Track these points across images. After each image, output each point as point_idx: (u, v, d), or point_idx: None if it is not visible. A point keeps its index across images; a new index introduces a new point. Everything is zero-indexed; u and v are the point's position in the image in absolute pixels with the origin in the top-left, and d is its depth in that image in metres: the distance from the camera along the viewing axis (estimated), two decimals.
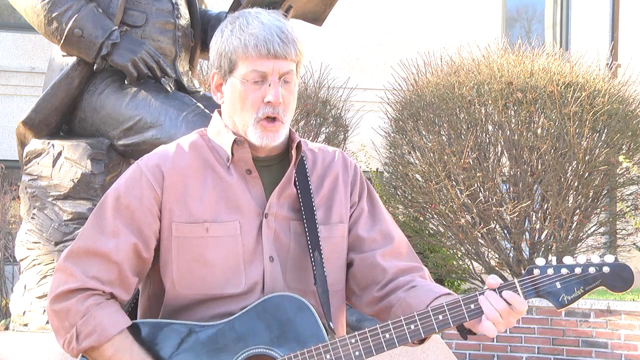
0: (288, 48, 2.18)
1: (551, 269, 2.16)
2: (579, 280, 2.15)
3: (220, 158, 2.26)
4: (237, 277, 2.21)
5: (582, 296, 2.16)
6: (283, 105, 2.21)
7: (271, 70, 2.18)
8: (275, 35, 2.17)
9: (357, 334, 2.14)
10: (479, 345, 7.44)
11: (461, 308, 2.14)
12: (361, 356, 2.13)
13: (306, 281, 2.25)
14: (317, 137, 9.13)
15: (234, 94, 2.22)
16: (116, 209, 2.21)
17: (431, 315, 2.13)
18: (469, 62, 8.84)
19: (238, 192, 2.24)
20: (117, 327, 2.16)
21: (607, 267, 2.16)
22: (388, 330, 2.13)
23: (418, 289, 2.25)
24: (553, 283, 2.15)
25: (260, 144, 2.21)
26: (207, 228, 2.21)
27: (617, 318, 7.01)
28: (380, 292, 2.29)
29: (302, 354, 2.13)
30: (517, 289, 2.14)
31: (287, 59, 2.18)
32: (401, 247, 2.35)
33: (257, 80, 2.19)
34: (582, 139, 8.05)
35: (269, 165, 2.28)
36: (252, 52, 2.17)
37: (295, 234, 2.27)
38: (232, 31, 2.21)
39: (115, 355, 2.15)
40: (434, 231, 8.77)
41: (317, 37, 10.77)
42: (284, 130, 2.23)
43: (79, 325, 2.15)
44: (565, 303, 2.15)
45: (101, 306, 2.17)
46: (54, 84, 4.13)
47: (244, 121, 2.22)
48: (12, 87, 11.50)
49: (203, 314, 2.21)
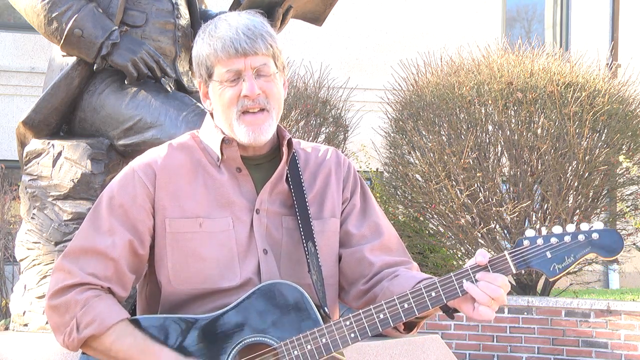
0: (256, 43, 2.21)
1: (540, 239, 2.17)
2: (569, 248, 2.16)
3: (211, 158, 2.30)
4: (232, 271, 2.23)
5: (574, 264, 2.17)
6: (264, 94, 2.24)
7: (243, 67, 2.21)
8: (241, 34, 2.21)
9: (351, 316, 2.15)
10: (479, 345, 7.44)
11: (453, 283, 2.14)
12: (356, 338, 2.14)
13: (301, 274, 2.27)
14: (317, 137, 9.12)
15: (215, 97, 2.27)
16: (110, 208, 2.24)
17: (424, 292, 2.14)
18: (469, 62, 8.84)
19: (229, 189, 2.27)
20: (117, 317, 2.18)
21: (596, 233, 2.17)
22: (382, 310, 2.15)
23: (400, 277, 2.27)
24: (543, 253, 2.16)
25: (248, 140, 2.24)
26: (200, 223, 2.24)
27: (617, 318, 7.01)
28: (366, 285, 2.31)
29: (298, 339, 2.14)
30: (508, 262, 2.15)
31: (258, 54, 2.22)
32: (390, 242, 2.37)
33: (233, 79, 2.23)
34: (582, 139, 8.05)
35: (260, 163, 2.31)
36: (222, 55, 2.21)
37: (288, 228, 2.29)
38: (203, 39, 2.26)
39: (116, 341, 2.16)
40: (434, 231, 8.76)
41: (317, 37, 10.81)
42: (270, 122, 2.26)
43: (79, 315, 2.17)
44: (557, 272, 2.16)
45: (100, 298, 2.19)
46: (54, 84, 4.13)
47: (228, 119, 2.25)
48: (12, 87, 11.51)
49: (200, 309, 2.22)
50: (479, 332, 7.41)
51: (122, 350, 2.16)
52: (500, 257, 2.16)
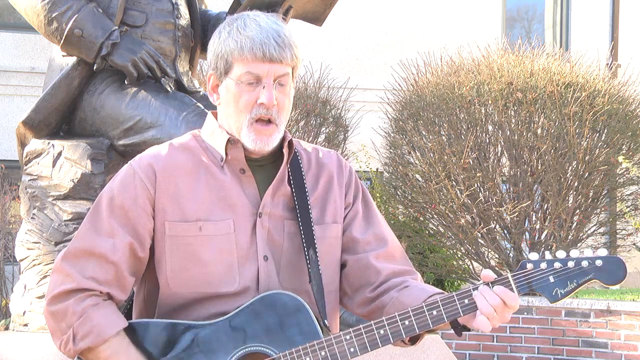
0: (284, 52, 2.18)
1: (544, 263, 2.16)
2: (572, 274, 2.15)
3: (214, 158, 2.27)
4: (231, 276, 2.22)
5: (576, 290, 2.16)
6: (277, 107, 2.21)
7: (266, 73, 2.18)
8: (272, 39, 2.17)
9: (351, 331, 2.14)
10: (479, 345, 7.44)
11: (455, 303, 2.14)
12: (356, 352, 2.13)
13: (300, 280, 2.26)
14: (317, 137, 9.12)
15: (229, 95, 2.23)
16: (111, 209, 2.22)
17: (425, 310, 2.14)
18: (469, 62, 8.84)
19: (232, 191, 2.25)
20: (114, 329, 2.16)
21: (599, 260, 2.16)
22: (382, 326, 2.14)
23: (411, 288, 2.26)
24: (546, 277, 2.15)
25: (253, 148, 2.23)
26: (200, 227, 2.21)
27: (617, 318, 7.01)
28: (373, 293, 2.30)
29: (297, 351, 2.13)
30: (511, 284, 2.15)
31: (283, 63, 2.19)
32: (395, 251, 2.36)
33: (252, 82, 2.20)
34: (582, 139, 8.05)
35: (263, 164, 2.29)
36: (248, 55, 2.18)
37: (289, 233, 2.27)
38: (229, 33, 2.21)
39: (111, 357, 2.15)
40: (434, 231, 8.76)
41: (317, 37, 10.79)
42: (277, 135, 2.24)
43: (76, 326, 2.16)
44: (559, 297, 2.16)
45: (98, 307, 2.17)
46: (54, 84, 4.13)
47: (238, 122, 2.22)
48: (12, 87, 11.50)
49: (198, 313, 2.21)
50: (478, 332, 7.40)
51: None
52: (503, 279, 2.16)
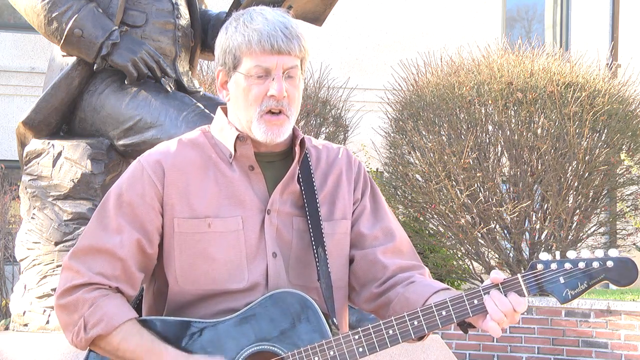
0: (292, 43, 2.18)
1: (554, 263, 2.14)
2: (582, 275, 2.14)
3: (223, 154, 2.26)
4: (240, 273, 2.21)
5: (586, 291, 2.14)
6: (288, 99, 2.21)
7: (275, 65, 2.18)
8: (279, 31, 2.17)
9: (360, 330, 2.14)
10: (479, 345, 7.44)
11: (464, 303, 2.13)
12: (364, 352, 2.13)
13: (309, 277, 2.26)
14: (317, 137, 9.10)
15: (238, 90, 2.23)
16: (118, 206, 2.22)
17: (434, 311, 2.13)
18: (469, 62, 8.84)
19: (241, 188, 2.24)
20: (124, 317, 2.17)
21: (610, 261, 2.14)
22: (391, 326, 2.13)
23: (417, 284, 2.25)
24: (556, 278, 2.14)
25: (264, 139, 2.22)
26: (209, 223, 2.21)
27: (617, 318, 7.01)
28: (380, 289, 2.29)
29: (306, 350, 2.13)
30: (521, 285, 2.14)
31: (291, 55, 2.19)
32: (402, 246, 2.35)
33: (261, 75, 2.19)
34: (582, 139, 8.05)
35: (272, 161, 2.29)
36: (256, 48, 2.17)
37: (298, 230, 2.27)
38: (236, 27, 2.21)
39: (123, 341, 2.16)
40: (434, 231, 8.76)
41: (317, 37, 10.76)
42: (288, 125, 2.23)
43: (87, 315, 2.16)
44: (569, 298, 2.14)
45: (108, 297, 2.18)
46: (54, 84, 4.13)
47: (248, 116, 2.22)
48: (12, 87, 11.50)
49: (206, 310, 2.21)
50: (479, 332, 7.40)
51: (129, 350, 2.15)
52: (513, 279, 2.15)
